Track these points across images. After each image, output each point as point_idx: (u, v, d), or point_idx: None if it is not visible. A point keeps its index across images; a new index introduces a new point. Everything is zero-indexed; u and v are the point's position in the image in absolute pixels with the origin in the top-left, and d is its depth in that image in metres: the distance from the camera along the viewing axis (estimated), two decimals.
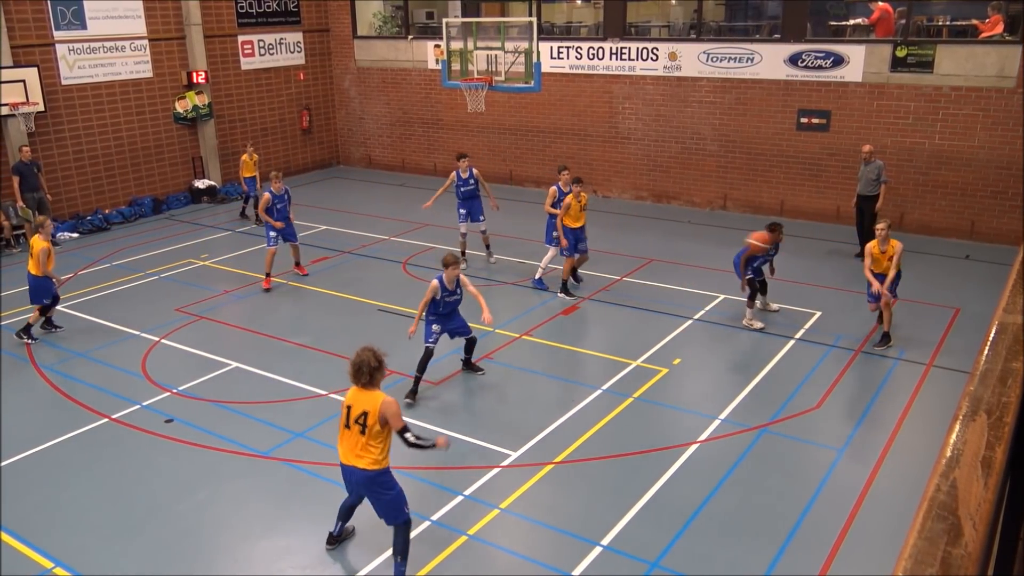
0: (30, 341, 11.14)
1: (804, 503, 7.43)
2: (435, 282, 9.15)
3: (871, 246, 10.44)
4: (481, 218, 14.02)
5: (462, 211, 13.95)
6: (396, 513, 6.25)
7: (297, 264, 13.76)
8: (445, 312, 9.39)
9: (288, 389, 9.77)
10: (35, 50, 16.31)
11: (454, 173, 13.92)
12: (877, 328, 10.90)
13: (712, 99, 17.13)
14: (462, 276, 9.31)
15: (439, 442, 6.35)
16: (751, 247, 11.11)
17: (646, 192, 18.51)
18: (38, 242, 10.94)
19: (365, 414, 6.06)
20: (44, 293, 11.13)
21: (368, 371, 6.07)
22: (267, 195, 13.02)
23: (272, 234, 13.08)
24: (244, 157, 17.10)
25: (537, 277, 13.00)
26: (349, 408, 6.15)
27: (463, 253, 13.80)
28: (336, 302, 12.73)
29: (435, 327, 9.39)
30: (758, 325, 11.25)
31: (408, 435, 6.16)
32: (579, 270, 13.04)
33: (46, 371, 10.38)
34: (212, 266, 14.53)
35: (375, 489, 6.20)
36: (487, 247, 14.23)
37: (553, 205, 12.68)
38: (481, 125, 20.10)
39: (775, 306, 11.82)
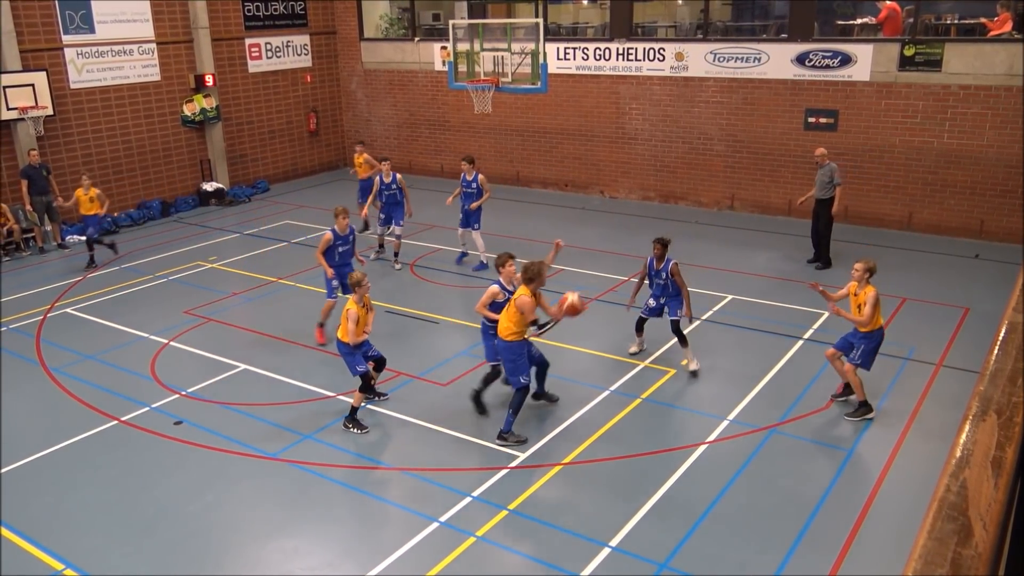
0: (358, 431, 8.73)
1: (813, 504, 7.40)
2: (495, 287, 8.83)
3: (850, 284, 8.80)
4: (402, 223, 14.13)
5: (381, 215, 14.20)
6: (515, 377, 8.41)
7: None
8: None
9: (297, 391, 9.80)
10: (44, 54, 16.40)
11: (377, 177, 14.08)
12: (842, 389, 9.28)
13: (719, 99, 17.10)
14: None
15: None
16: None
17: (653, 193, 18.49)
18: (348, 305, 8.72)
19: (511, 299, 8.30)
20: (352, 362, 8.80)
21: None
22: (328, 234, 10.91)
23: (334, 283, 10.95)
24: (79, 192, 14.45)
25: (482, 261, 13.76)
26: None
27: (381, 247, 14.56)
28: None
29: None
30: (694, 366, 9.88)
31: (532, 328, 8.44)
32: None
33: (55, 373, 10.43)
34: (220, 268, 14.57)
35: (507, 356, 8.41)
36: (396, 254, 14.25)
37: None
38: (488, 126, 20.11)
39: (693, 365, 9.90)
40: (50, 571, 6.76)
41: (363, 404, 8.93)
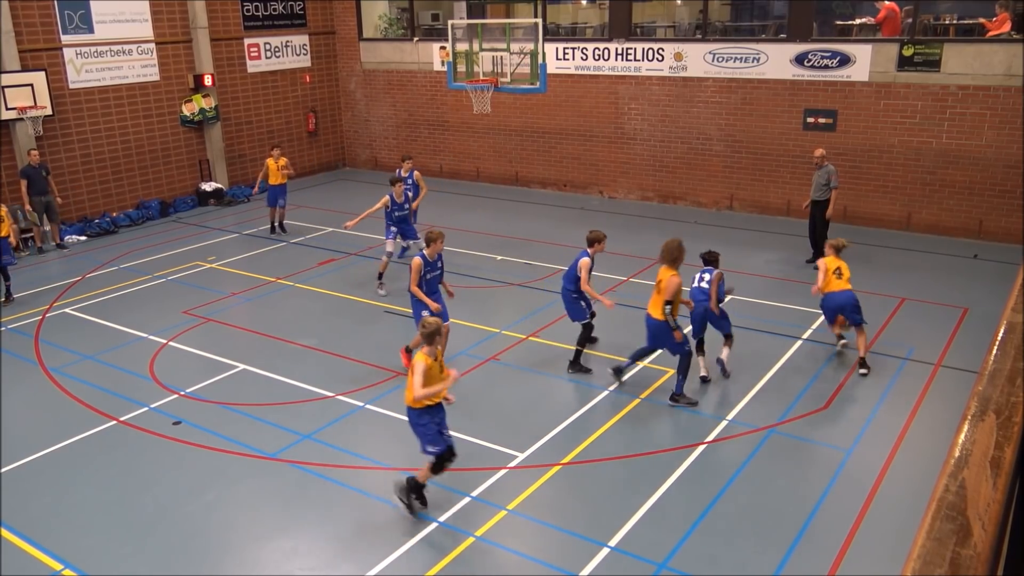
0: (406, 507, 7.25)
1: (812, 504, 7.41)
2: (587, 259, 9.98)
3: (824, 260, 10.16)
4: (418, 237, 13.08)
5: (393, 229, 13.10)
6: (678, 348, 9.09)
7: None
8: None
9: (295, 391, 9.79)
10: (43, 54, 16.39)
11: (387, 197, 12.91)
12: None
13: (718, 99, 17.11)
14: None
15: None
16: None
17: (652, 193, 18.49)
18: (418, 358, 6.97)
19: (659, 282, 8.96)
20: (424, 434, 7.15)
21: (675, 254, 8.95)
22: (418, 260, 9.58)
23: (424, 312, 9.51)
24: None
25: (404, 246, 13.76)
26: (659, 281, 8.99)
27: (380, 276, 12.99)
28: (343, 304, 12.74)
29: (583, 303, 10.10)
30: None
31: (666, 307, 8.96)
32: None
33: (54, 374, 10.42)
34: (219, 268, 14.57)
35: (659, 335, 9.07)
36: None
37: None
38: (487, 126, 20.11)
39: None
40: (49, 571, 6.76)
41: (428, 482, 7.34)
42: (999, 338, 1.69)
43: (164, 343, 11.30)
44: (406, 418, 7.35)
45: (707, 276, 9.74)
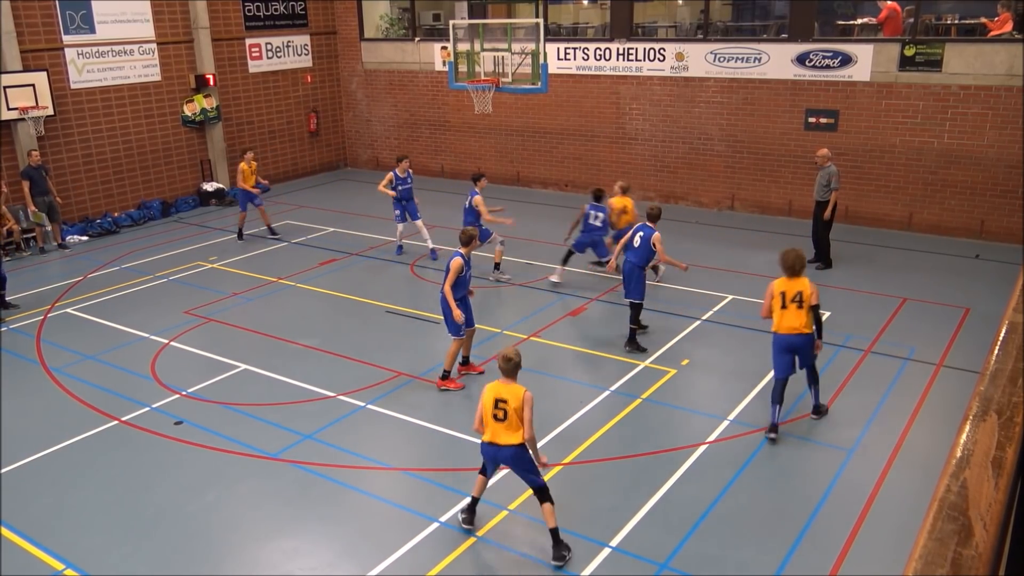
0: (569, 554, 6.67)
1: (814, 504, 7.40)
2: (659, 234, 10.43)
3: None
4: (419, 215, 14.77)
5: (398, 212, 14.79)
6: (813, 359, 8.60)
7: (466, 361, 10.09)
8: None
9: (297, 391, 9.80)
10: (44, 54, 16.40)
11: (391, 174, 14.60)
12: None
13: (719, 99, 17.10)
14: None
15: None
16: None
17: (653, 193, 18.48)
18: (527, 392, 6.57)
19: (800, 293, 8.29)
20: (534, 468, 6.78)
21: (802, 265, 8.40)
22: (459, 260, 9.30)
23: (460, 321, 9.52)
24: None
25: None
26: (784, 294, 8.32)
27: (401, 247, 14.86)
28: (344, 304, 12.75)
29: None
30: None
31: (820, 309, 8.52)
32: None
33: (56, 373, 10.43)
34: (220, 268, 14.57)
35: (805, 349, 8.44)
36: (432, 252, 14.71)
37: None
38: (488, 126, 20.11)
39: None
40: (50, 571, 6.77)
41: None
42: (1001, 338, 1.69)
43: (165, 343, 11.31)
44: (511, 458, 6.62)
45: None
